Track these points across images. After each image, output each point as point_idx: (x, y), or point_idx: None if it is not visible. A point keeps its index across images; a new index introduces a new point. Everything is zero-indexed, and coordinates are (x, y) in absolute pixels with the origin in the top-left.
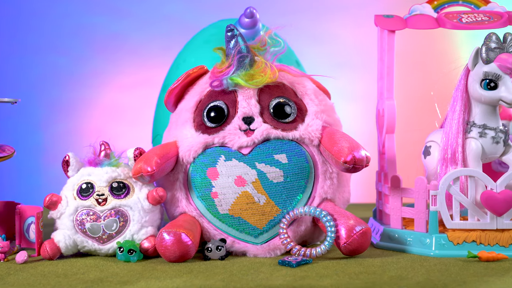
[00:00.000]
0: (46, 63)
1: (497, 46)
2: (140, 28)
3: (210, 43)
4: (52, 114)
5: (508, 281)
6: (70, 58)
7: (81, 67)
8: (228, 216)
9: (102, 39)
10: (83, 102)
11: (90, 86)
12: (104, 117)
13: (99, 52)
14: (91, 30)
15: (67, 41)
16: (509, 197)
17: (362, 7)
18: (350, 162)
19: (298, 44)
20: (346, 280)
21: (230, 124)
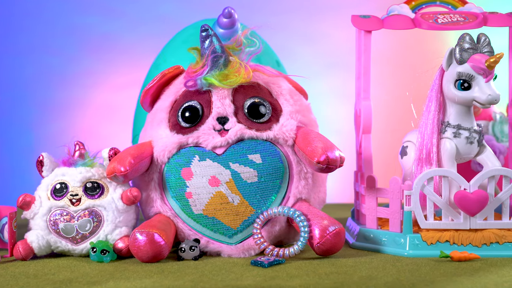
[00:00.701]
0: (38, 63)
1: (470, 47)
2: (133, 28)
3: (190, 43)
4: (45, 114)
5: (477, 280)
6: (62, 58)
7: (73, 67)
8: (202, 216)
9: (94, 39)
10: (75, 102)
11: (83, 86)
12: (97, 117)
13: (92, 52)
14: (84, 30)
15: (59, 41)
16: (482, 197)
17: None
18: (324, 162)
19: (290, 43)
20: (316, 281)
21: (205, 124)
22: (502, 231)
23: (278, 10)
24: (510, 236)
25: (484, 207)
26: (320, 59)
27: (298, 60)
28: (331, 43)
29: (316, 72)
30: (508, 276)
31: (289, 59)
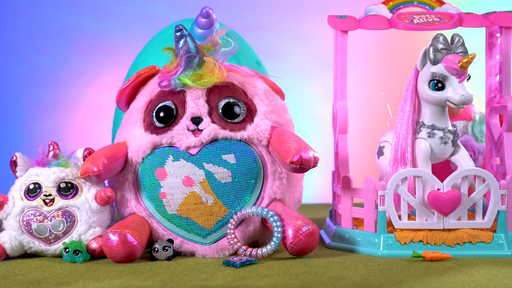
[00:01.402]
0: (30, 62)
1: (444, 47)
2: (125, 28)
3: (169, 43)
4: (37, 114)
5: (445, 280)
6: (54, 58)
7: (65, 66)
8: (176, 217)
9: (87, 39)
10: (67, 102)
11: (75, 86)
12: (89, 117)
13: (84, 52)
14: (76, 30)
15: (51, 40)
16: (455, 197)
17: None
18: (297, 162)
19: (281, 43)
20: (285, 281)
21: (178, 124)
22: (475, 230)
23: (269, 10)
24: (482, 235)
25: (457, 207)
26: (311, 59)
27: (289, 60)
28: (322, 43)
29: (307, 72)
30: (477, 276)
31: (280, 59)
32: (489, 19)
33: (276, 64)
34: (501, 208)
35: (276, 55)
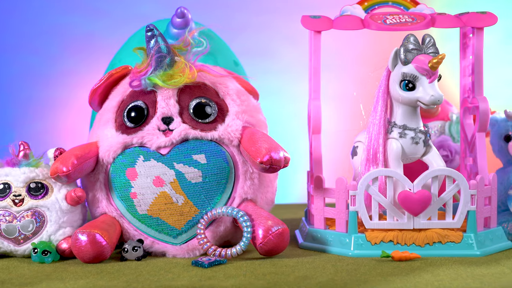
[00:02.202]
0: (21, 62)
1: (414, 47)
2: (117, 28)
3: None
4: (27, 114)
5: (409, 279)
6: (45, 58)
7: (57, 66)
8: (147, 217)
9: (78, 39)
10: (58, 102)
11: (66, 86)
12: (79, 117)
13: (75, 52)
14: (68, 29)
15: (42, 40)
16: (425, 197)
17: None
18: (267, 162)
19: (273, 44)
20: (250, 281)
21: (149, 124)
22: (445, 230)
23: (260, 10)
24: (452, 235)
25: (427, 207)
26: (302, 59)
27: (281, 60)
28: None
29: (298, 72)
30: (442, 275)
31: (272, 60)
32: (462, 20)
33: (267, 64)
34: (471, 208)
35: (268, 55)
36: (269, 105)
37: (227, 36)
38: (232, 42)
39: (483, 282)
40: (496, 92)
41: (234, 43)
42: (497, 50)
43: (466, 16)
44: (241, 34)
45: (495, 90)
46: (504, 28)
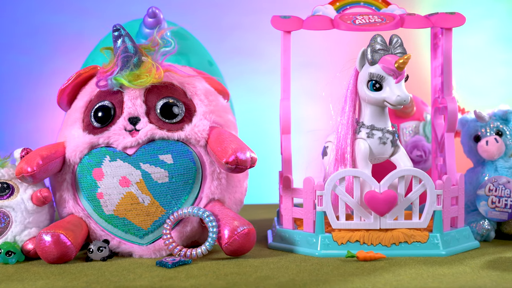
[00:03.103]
0: (10, 61)
1: (381, 48)
2: (107, 28)
3: None
4: (17, 114)
5: (368, 279)
6: (34, 57)
7: (46, 66)
8: (113, 217)
9: (67, 39)
10: (46, 102)
11: (55, 86)
12: None
13: (64, 52)
14: (56, 29)
15: (32, 40)
16: (391, 197)
17: None
18: (232, 163)
19: (261, 43)
20: (210, 281)
21: (116, 124)
22: (411, 230)
23: (249, 10)
24: (418, 235)
25: (393, 207)
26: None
27: (269, 60)
28: (302, 43)
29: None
30: (403, 275)
31: (261, 59)
32: (431, 20)
33: (256, 64)
34: (437, 208)
35: (256, 55)
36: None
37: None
38: (221, 43)
39: (442, 282)
40: (487, 91)
41: (223, 43)
42: (488, 49)
43: (435, 17)
44: (231, 34)
45: (487, 90)
46: (493, 27)
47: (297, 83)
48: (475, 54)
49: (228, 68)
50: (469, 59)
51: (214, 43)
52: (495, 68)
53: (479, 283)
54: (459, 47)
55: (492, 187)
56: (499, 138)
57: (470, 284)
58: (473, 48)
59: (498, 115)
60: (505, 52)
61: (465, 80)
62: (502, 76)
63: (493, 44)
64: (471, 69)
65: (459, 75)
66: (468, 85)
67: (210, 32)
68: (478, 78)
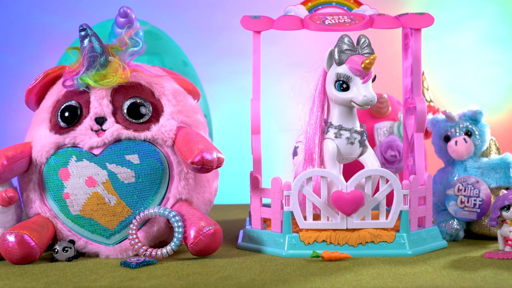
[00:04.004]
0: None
1: (348, 48)
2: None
3: None
4: (4, 114)
5: (329, 279)
6: (21, 57)
7: (32, 66)
8: (79, 217)
9: (54, 38)
10: None
11: None
12: None
13: (52, 51)
14: (46, 29)
15: (18, 39)
16: (357, 197)
17: None
18: (198, 163)
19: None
20: (171, 281)
21: (82, 124)
22: (378, 230)
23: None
24: (385, 235)
25: (360, 207)
26: (281, 58)
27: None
28: (292, 43)
29: (277, 72)
30: (365, 275)
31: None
32: (400, 21)
33: (246, 64)
34: (404, 208)
35: (246, 54)
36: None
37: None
38: (211, 42)
39: (401, 281)
40: (475, 91)
41: (213, 43)
42: (476, 50)
43: (404, 17)
44: (221, 35)
45: (475, 90)
46: (481, 28)
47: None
48: (463, 54)
49: (219, 68)
50: (457, 59)
51: (205, 43)
52: (483, 68)
53: (437, 283)
54: (447, 48)
55: (461, 187)
56: (468, 138)
57: (428, 283)
58: (461, 49)
59: (468, 115)
60: (493, 52)
61: (453, 80)
62: (490, 76)
63: (481, 44)
64: (459, 70)
65: (447, 75)
66: (456, 85)
67: (200, 32)
68: (466, 78)
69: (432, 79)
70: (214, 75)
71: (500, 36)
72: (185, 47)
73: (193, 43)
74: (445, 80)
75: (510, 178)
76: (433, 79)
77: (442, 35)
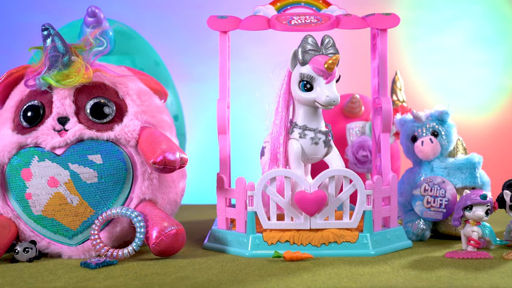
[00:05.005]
0: None
1: (312, 48)
2: None
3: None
4: None
5: (285, 279)
6: (7, 56)
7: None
8: (42, 218)
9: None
10: None
11: None
12: None
13: None
14: (31, 28)
15: (5, 38)
16: (320, 197)
17: None
18: (160, 163)
19: (240, 44)
20: (126, 282)
21: (44, 124)
22: (341, 230)
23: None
24: (348, 235)
25: (322, 207)
26: (269, 58)
27: (247, 60)
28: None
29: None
30: (322, 275)
31: (239, 60)
32: (366, 21)
33: (234, 64)
34: (367, 208)
35: (234, 55)
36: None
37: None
38: (200, 42)
39: (356, 281)
40: (462, 92)
41: (202, 43)
42: (463, 50)
43: (370, 18)
44: (211, 35)
45: (462, 90)
46: (468, 28)
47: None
48: (451, 54)
49: (209, 69)
50: (445, 59)
51: (195, 43)
52: (471, 68)
53: (391, 283)
54: (434, 48)
55: (427, 187)
56: (434, 139)
57: (383, 283)
58: (448, 49)
59: (434, 115)
60: (481, 53)
61: (440, 80)
62: (477, 76)
63: (468, 44)
64: (446, 70)
65: (435, 75)
66: (443, 86)
67: (191, 33)
68: (453, 78)
69: (420, 79)
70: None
71: (488, 36)
72: (160, 48)
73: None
74: (432, 80)
75: (475, 178)
76: (421, 79)
77: (430, 35)
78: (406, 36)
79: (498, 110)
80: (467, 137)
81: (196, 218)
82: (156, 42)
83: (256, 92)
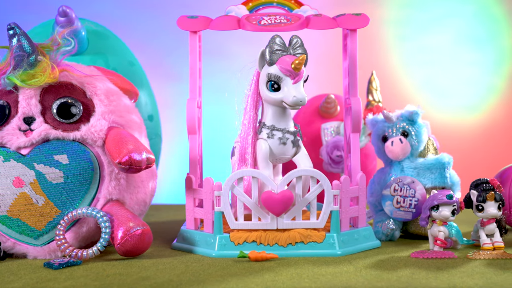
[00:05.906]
0: None
1: (279, 48)
2: None
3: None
4: None
5: (245, 279)
6: None
7: None
8: (7, 218)
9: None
10: None
11: None
12: None
13: None
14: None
15: None
16: (286, 197)
17: None
18: (125, 163)
19: (228, 44)
20: (86, 282)
21: (9, 124)
22: (308, 230)
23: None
24: (315, 235)
25: (289, 207)
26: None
27: (236, 60)
28: None
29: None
30: (284, 275)
31: (227, 59)
32: (336, 22)
33: (223, 64)
34: (334, 208)
35: (223, 55)
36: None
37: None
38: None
39: (316, 282)
40: (452, 91)
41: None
42: (453, 50)
43: (340, 18)
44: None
45: (452, 90)
46: (458, 28)
47: None
48: (440, 54)
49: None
50: (434, 59)
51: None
52: (461, 68)
53: (351, 283)
54: (423, 47)
55: (397, 187)
56: (404, 139)
57: (343, 283)
58: (438, 48)
59: (405, 115)
60: (470, 52)
61: (430, 80)
62: (467, 76)
63: (458, 44)
64: (435, 69)
65: (424, 74)
66: (432, 85)
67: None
68: (443, 78)
69: (409, 79)
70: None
71: (477, 36)
72: (137, 48)
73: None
74: (422, 80)
75: (445, 178)
76: (411, 78)
77: (419, 35)
78: (396, 36)
79: (488, 110)
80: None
81: (171, 218)
82: (134, 42)
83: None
